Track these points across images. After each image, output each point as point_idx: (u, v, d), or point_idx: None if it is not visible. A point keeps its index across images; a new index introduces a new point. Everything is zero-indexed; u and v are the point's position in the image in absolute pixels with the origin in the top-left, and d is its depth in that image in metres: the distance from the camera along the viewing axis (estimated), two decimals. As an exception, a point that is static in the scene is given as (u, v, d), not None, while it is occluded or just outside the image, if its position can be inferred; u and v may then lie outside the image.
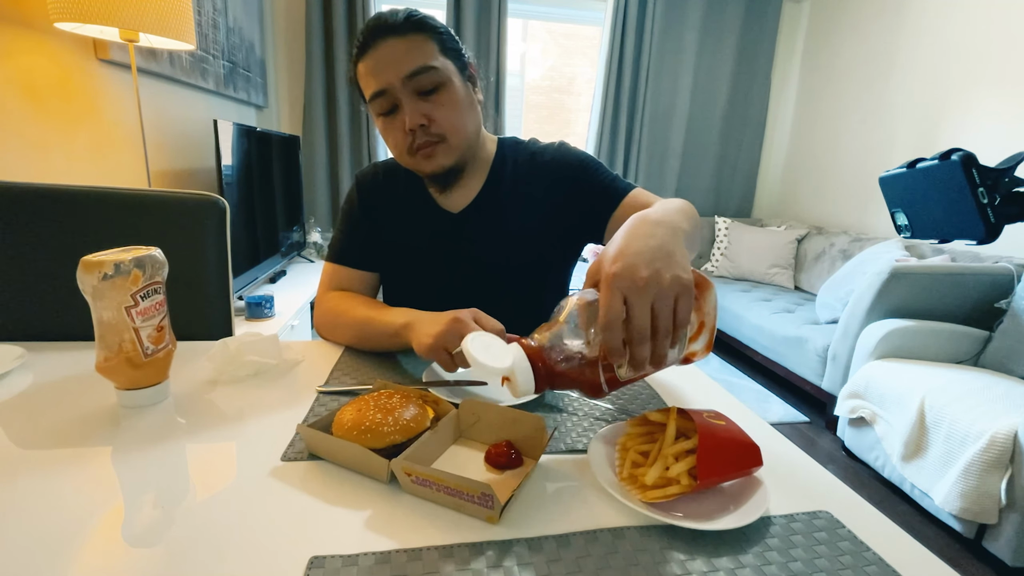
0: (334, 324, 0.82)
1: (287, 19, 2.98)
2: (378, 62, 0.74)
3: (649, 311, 0.43)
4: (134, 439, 0.52)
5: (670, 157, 3.55)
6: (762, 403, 2.49)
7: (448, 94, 0.77)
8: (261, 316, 1.90)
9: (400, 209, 0.91)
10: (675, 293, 0.44)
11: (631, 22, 3.19)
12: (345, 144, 3.05)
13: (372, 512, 0.43)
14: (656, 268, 0.44)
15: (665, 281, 0.44)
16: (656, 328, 0.43)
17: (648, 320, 0.43)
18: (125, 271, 0.54)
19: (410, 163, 0.82)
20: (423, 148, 0.78)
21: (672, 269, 0.45)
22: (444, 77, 0.76)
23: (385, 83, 0.74)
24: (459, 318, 0.62)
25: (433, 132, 0.77)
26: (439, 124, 0.77)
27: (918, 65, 2.74)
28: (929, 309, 2.01)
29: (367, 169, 0.95)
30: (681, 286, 0.44)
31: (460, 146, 0.80)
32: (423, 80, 0.74)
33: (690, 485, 0.43)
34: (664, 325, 0.43)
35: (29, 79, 1.30)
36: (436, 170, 0.81)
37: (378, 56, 0.74)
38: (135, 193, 0.88)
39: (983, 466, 1.41)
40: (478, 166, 0.89)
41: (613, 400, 0.64)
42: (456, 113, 0.78)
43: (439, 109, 0.76)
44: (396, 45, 0.74)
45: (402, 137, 0.78)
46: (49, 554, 0.37)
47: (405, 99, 0.75)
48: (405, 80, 0.74)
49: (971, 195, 0.56)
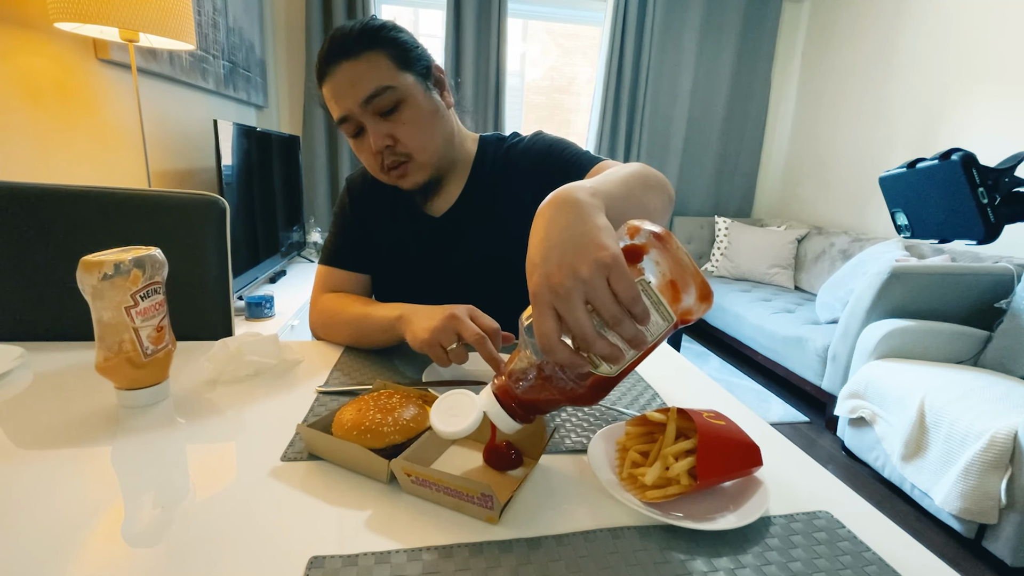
0: (329, 324, 0.82)
1: (287, 19, 2.98)
2: (336, 88, 0.74)
3: (583, 313, 0.38)
4: (134, 439, 0.52)
5: (670, 157, 3.55)
6: (762, 403, 2.49)
7: (409, 111, 0.76)
8: (261, 316, 1.90)
9: (387, 213, 0.92)
10: (603, 278, 0.37)
11: (631, 22, 3.19)
12: (345, 144, 3.05)
13: (372, 512, 0.43)
14: (569, 262, 0.38)
15: (584, 272, 0.37)
16: (606, 320, 0.38)
17: (587, 323, 0.38)
18: (125, 271, 0.54)
19: (386, 180, 0.83)
20: (394, 168, 0.79)
21: (587, 254, 0.38)
22: (403, 94, 0.75)
23: (345, 109, 0.75)
24: (455, 315, 0.62)
25: (399, 152, 0.77)
26: (404, 144, 0.77)
27: (918, 65, 2.74)
28: (929, 309, 2.01)
29: (356, 173, 0.96)
30: (604, 267, 0.37)
31: (429, 162, 0.80)
32: (381, 102, 0.74)
33: (690, 485, 0.43)
34: (611, 315, 0.37)
35: (29, 79, 1.30)
36: (411, 187, 0.82)
37: (336, 82, 0.74)
38: (135, 193, 0.87)
39: (983, 466, 1.41)
40: (458, 169, 0.89)
41: (613, 400, 0.64)
42: (419, 130, 0.77)
43: (401, 128, 0.76)
44: (350, 69, 0.73)
45: (372, 158, 0.79)
46: (49, 554, 0.37)
47: (367, 122, 0.75)
48: (363, 105, 0.73)
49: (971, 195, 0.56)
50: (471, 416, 0.44)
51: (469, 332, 0.61)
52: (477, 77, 3.12)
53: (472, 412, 0.44)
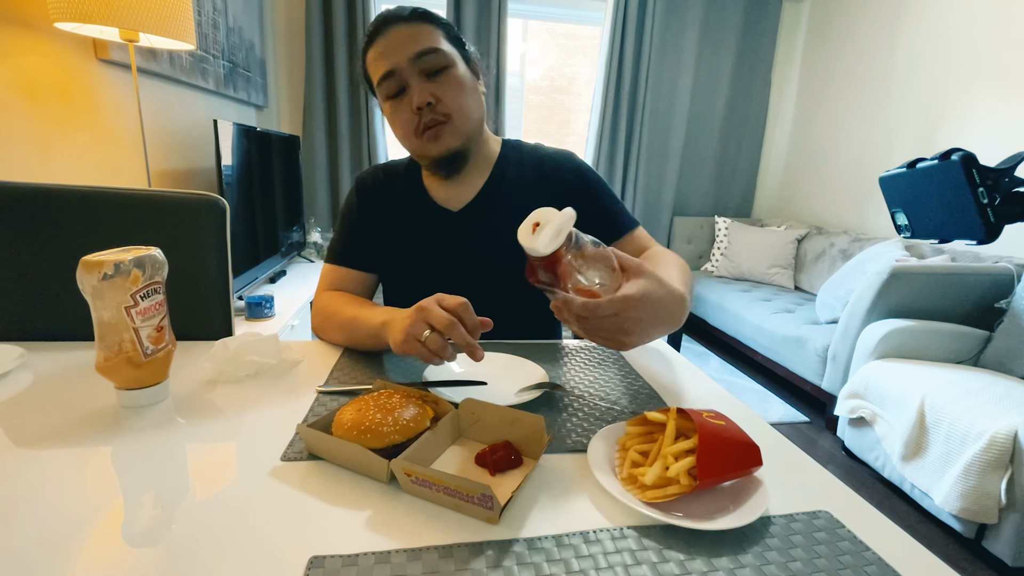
0: (326, 325, 0.82)
1: (287, 19, 2.98)
2: (387, 46, 0.78)
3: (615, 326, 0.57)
4: (134, 439, 0.52)
5: (670, 157, 3.55)
6: (762, 403, 2.49)
7: (454, 76, 0.80)
8: (261, 316, 1.90)
9: (400, 210, 0.91)
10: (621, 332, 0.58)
11: (631, 22, 3.19)
12: (345, 144, 3.05)
13: (372, 512, 0.43)
14: (650, 324, 0.59)
15: (632, 335, 0.58)
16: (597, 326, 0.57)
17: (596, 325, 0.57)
18: (125, 271, 0.54)
19: (416, 146, 0.83)
20: (430, 128, 0.80)
21: (639, 337, 0.59)
22: (449, 60, 0.79)
23: (393, 64, 0.77)
24: (422, 306, 0.61)
25: (439, 111, 0.79)
26: (445, 104, 0.79)
27: (918, 65, 2.74)
28: (929, 309, 2.01)
29: (367, 171, 0.96)
30: (632, 343, 0.59)
31: (465, 128, 0.82)
32: (429, 61, 0.77)
33: (690, 485, 0.43)
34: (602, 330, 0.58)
35: (29, 79, 1.30)
36: (442, 152, 0.82)
37: (387, 41, 0.78)
38: (135, 193, 0.87)
39: (983, 466, 1.41)
40: (480, 163, 0.90)
41: (613, 400, 0.64)
42: (461, 94, 0.81)
43: (445, 89, 0.79)
44: (404, 29, 0.78)
45: (409, 117, 0.80)
46: (49, 554, 0.37)
47: (413, 79, 0.78)
48: (412, 60, 0.77)
49: (971, 195, 0.56)
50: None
51: (437, 318, 0.59)
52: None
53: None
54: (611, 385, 0.69)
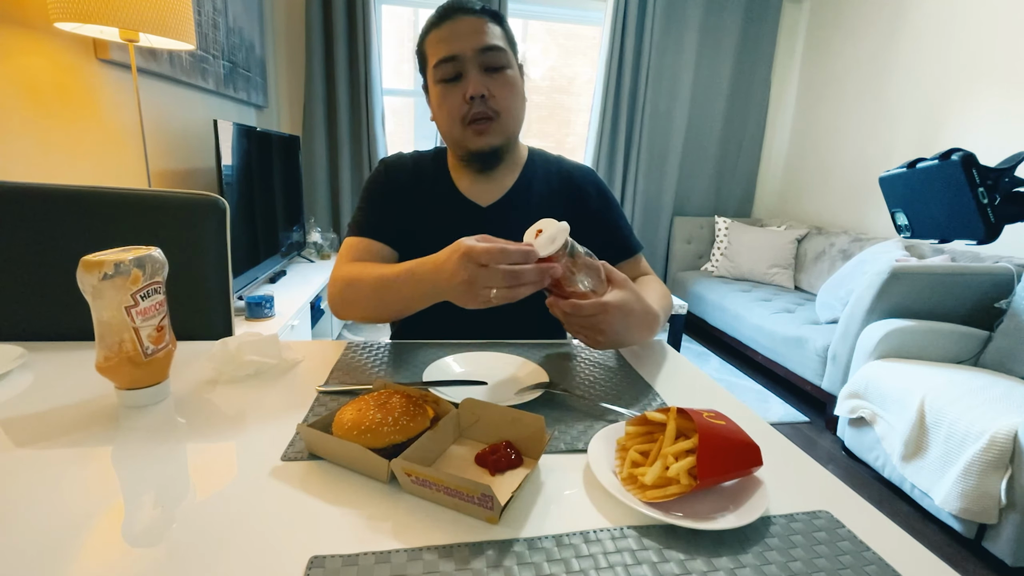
0: (347, 293, 0.80)
1: (287, 19, 2.98)
2: (453, 32, 0.81)
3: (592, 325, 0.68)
4: (134, 439, 0.52)
5: (670, 157, 3.55)
6: (762, 403, 2.49)
7: (509, 77, 0.84)
8: (261, 316, 1.90)
9: (425, 197, 0.92)
10: (597, 332, 0.69)
11: (631, 22, 3.19)
12: (345, 144, 3.05)
13: (372, 512, 0.43)
14: (622, 331, 0.71)
15: (604, 336, 0.70)
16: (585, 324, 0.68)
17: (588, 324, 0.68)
18: (125, 271, 0.54)
19: (459, 134, 0.85)
20: (477, 121, 0.83)
21: (610, 339, 0.70)
22: (508, 61, 0.84)
23: (457, 50, 0.80)
24: (466, 252, 0.60)
25: (491, 106, 0.82)
26: (497, 101, 0.83)
27: (918, 65, 2.74)
28: (929, 309, 2.01)
29: (394, 155, 0.98)
30: (612, 344, 0.73)
31: (509, 129, 0.86)
32: (491, 57, 0.81)
33: (690, 485, 0.43)
34: (582, 328, 0.70)
35: (29, 79, 1.30)
36: (482, 147, 0.85)
37: (455, 27, 0.81)
38: (135, 193, 0.87)
39: (983, 466, 1.41)
40: (511, 163, 0.93)
41: (613, 400, 0.65)
42: (513, 96, 0.85)
43: (500, 87, 0.83)
44: (473, 22, 0.81)
45: (459, 104, 0.82)
46: (49, 554, 0.37)
47: (472, 70, 0.81)
48: (477, 53, 0.80)
49: (971, 195, 0.56)
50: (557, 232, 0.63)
51: (497, 277, 0.59)
52: (477, 77, 3.12)
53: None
54: (611, 385, 0.69)
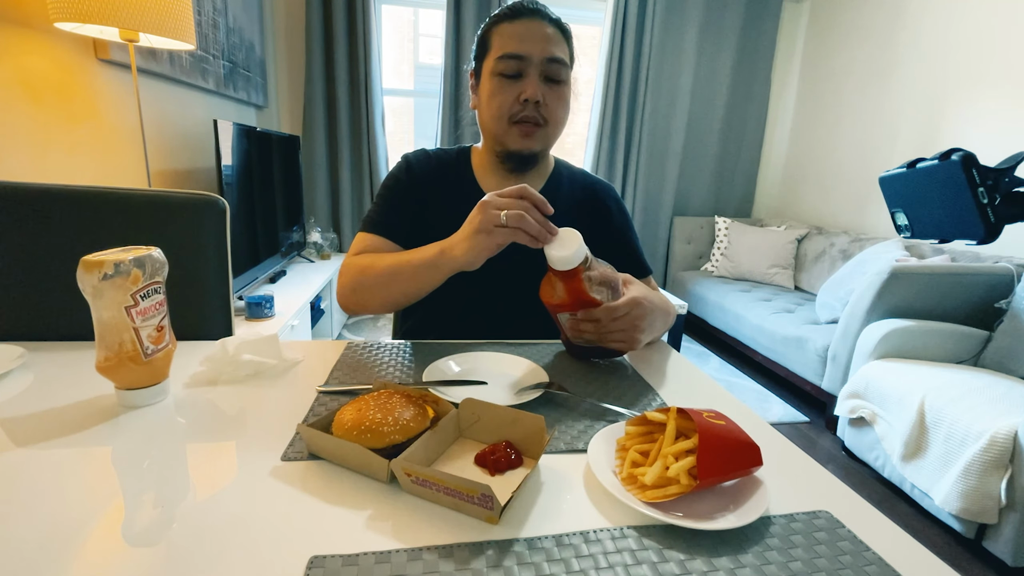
0: (358, 281, 0.81)
1: (287, 19, 2.98)
2: (528, 31, 0.83)
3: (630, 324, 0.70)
4: (134, 439, 0.52)
5: (670, 157, 3.55)
6: (762, 403, 2.49)
7: (565, 91, 0.88)
8: (261, 316, 1.90)
9: (450, 198, 0.91)
10: (635, 329, 0.71)
11: (631, 22, 3.19)
12: (345, 144, 3.05)
13: (372, 512, 0.43)
14: (653, 322, 0.75)
15: (642, 332, 0.72)
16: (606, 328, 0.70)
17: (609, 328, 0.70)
18: (125, 271, 0.54)
19: (503, 131, 0.87)
20: (525, 123, 0.85)
21: (647, 333, 0.74)
22: (568, 77, 0.87)
23: (527, 51, 0.82)
24: (485, 202, 0.67)
25: (542, 113, 0.85)
26: (549, 109, 0.85)
27: (918, 65, 2.74)
28: (929, 309, 2.01)
29: (416, 152, 0.97)
30: (643, 339, 0.74)
31: (551, 138, 0.90)
32: (555, 69, 0.84)
33: (690, 485, 0.43)
34: (619, 330, 0.70)
35: (29, 79, 1.30)
36: (522, 149, 0.87)
37: (530, 27, 0.83)
38: (135, 193, 0.87)
39: (983, 466, 1.41)
40: (541, 170, 0.96)
41: (613, 400, 0.65)
42: (564, 109, 0.88)
43: (556, 98, 0.86)
44: (548, 30, 0.84)
45: (511, 101, 0.84)
46: (49, 554, 0.37)
47: (534, 73, 0.83)
48: (546, 60, 0.83)
49: (971, 195, 0.56)
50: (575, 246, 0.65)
51: (509, 202, 0.66)
52: (477, 77, 3.12)
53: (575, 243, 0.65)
54: (611, 385, 0.69)
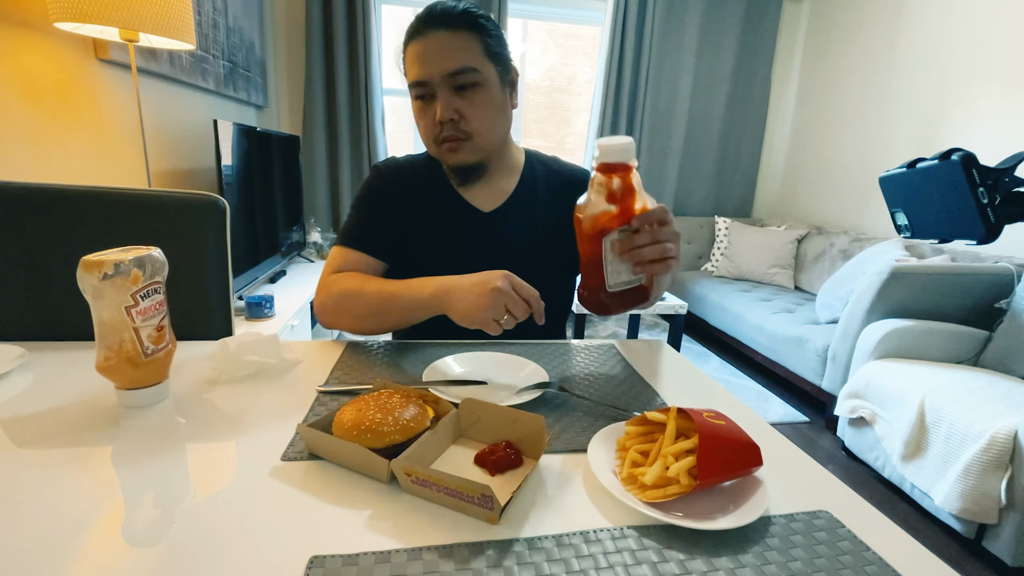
0: (343, 305, 0.80)
1: (287, 19, 2.98)
2: (426, 51, 0.78)
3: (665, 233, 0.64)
4: (134, 439, 0.52)
5: (670, 157, 3.55)
6: (762, 403, 2.49)
7: (483, 95, 0.80)
8: (261, 316, 1.90)
9: (425, 200, 0.91)
10: (673, 240, 0.65)
11: (631, 22, 3.19)
12: (345, 144, 3.05)
13: (372, 512, 0.43)
14: (678, 238, 0.66)
15: (677, 245, 0.65)
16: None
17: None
18: (125, 271, 0.54)
19: (435, 151, 0.85)
20: (448, 142, 0.81)
21: (678, 248, 0.66)
22: (483, 79, 0.79)
23: (426, 75, 0.78)
24: (500, 290, 0.66)
25: (461, 128, 0.80)
26: (468, 122, 0.80)
27: (918, 64, 2.74)
28: (929, 309, 2.01)
29: (389, 159, 0.96)
30: (678, 254, 0.66)
31: (485, 147, 0.84)
32: (463, 78, 0.78)
33: (690, 485, 0.43)
34: (665, 240, 0.63)
35: (29, 79, 1.30)
36: (457, 164, 0.84)
37: (427, 46, 0.77)
38: (135, 193, 0.87)
39: (983, 466, 1.41)
40: (507, 169, 0.92)
41: (613, 400, 0.64)
42: (487, 115, 0.81)
43: (471, 108, 0.80)
44: (446, 39, 0.77)
45: (431, 125, 0.81)
46: (49, 554, 0.37)
47: (441, 92, 0.78)
48: (446, 76, 0.77)
49: (971, 195, 0.56)
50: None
51: (520, 309, 0.66)
52: (477, 77, 3.12)
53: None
54: (611, 385, 0.69)
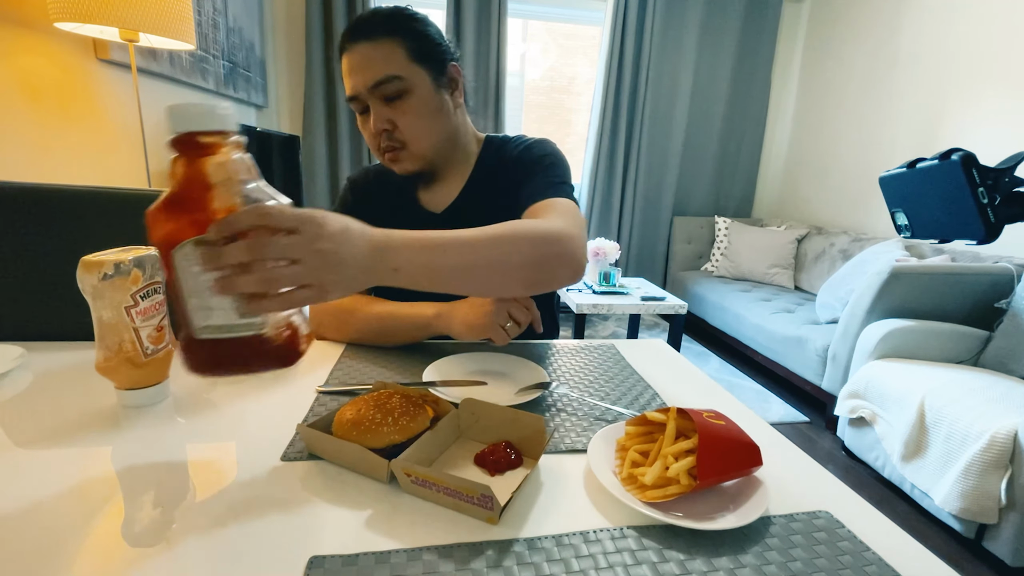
0: (341, 322, 0.81)
1: (287, 19, 2.98)
2: (350, 66, 0.78)
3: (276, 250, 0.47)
4: (134, 439, 0.52)
5: (670, 157, 3.55)
6: (762, 403, 2.49)
7: (413, 102, 0.78)
8: (261, 316, 1.90)
9: (389, 211, 0.93)
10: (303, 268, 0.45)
11: (631, 22, 3.18)
12: (345, 144, 3.05)
13: (372, 512, 0.43)
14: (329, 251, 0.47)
15: (321, 269, 0.47)
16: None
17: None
18: (125, 271, 0.54)
19: (383, 162, 0.86)
20: (388, 152, 0.82)
21: (330, 274, 0.47)
22: (409, 86, 0.77)
23: (355, 89, 0.78)
24: (498, 318, 0.70)
25: (396, 138, 0.80)
26: (401, 132, 0.80)
27: (918, 65, 2.74)
28: (929, 309, 2.01)
29: (360, 171, 0.98)
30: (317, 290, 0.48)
31: (422, 154, 0.83)
32: (387, 89, 0.77)
33: (690, 485, 0.43)
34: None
35: (29, 79, 1.30)
36: (402, 173, 0.85)
37: (351, 60, 0.77)
38: (135, 193, 0.87)
39: (983, 466, 1.41)
40: (459, 166, 0.91)
41: (613, 400, 0.64)
42: (418, 122, 0.80)
43: (402, 117, 0.79)
44: (367, 50, 0.76)
45: (371, 137, 0.82)
46: (49, 554, 0.37)
47: (372, 104, 0.78)
48: (370, 89, 0.77)
49: (971, 195, 0.56)
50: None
51: (523, 314, 0.71)
52: (477, 77, 3.12)
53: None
54: (611, 385, 0.69)
